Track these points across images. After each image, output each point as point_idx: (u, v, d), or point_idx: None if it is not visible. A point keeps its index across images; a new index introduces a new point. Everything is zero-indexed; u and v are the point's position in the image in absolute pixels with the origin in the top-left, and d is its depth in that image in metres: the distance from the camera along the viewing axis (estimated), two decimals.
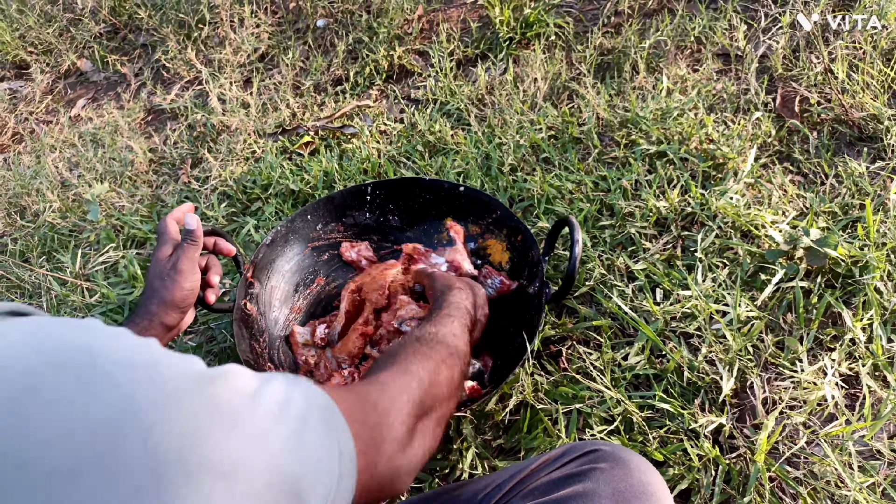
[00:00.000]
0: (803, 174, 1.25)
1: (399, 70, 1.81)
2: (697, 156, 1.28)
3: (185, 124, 1.80)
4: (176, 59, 2.00)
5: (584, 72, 1.56)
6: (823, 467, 0.83)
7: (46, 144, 1.85)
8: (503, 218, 1.11)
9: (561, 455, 0.70)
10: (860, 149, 1.26)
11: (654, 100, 1.41)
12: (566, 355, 1.03)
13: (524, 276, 1.06)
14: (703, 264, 1.09)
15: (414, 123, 1.57)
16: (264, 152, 1.60)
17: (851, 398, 0.93)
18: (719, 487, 0.85)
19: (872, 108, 1.28)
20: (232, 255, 1.00)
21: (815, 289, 1.02)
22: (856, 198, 1.15)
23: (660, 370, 0.97)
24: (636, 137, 1.35)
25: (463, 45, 1.78)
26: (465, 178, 1.37)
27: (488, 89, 1.61)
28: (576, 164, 1.33)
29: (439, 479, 0.94)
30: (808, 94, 1.36)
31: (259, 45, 1.97)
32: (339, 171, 1.46)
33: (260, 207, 1.47)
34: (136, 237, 1.49)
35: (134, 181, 1.66)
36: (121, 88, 2.07)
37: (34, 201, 1.65)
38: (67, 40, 2.25)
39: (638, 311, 1.05)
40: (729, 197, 1.17)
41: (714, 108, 1.39)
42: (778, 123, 1.34)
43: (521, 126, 1.45)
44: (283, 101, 1.75)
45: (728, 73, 1.49)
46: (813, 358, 0.96)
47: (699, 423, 0.89)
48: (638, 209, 1.21)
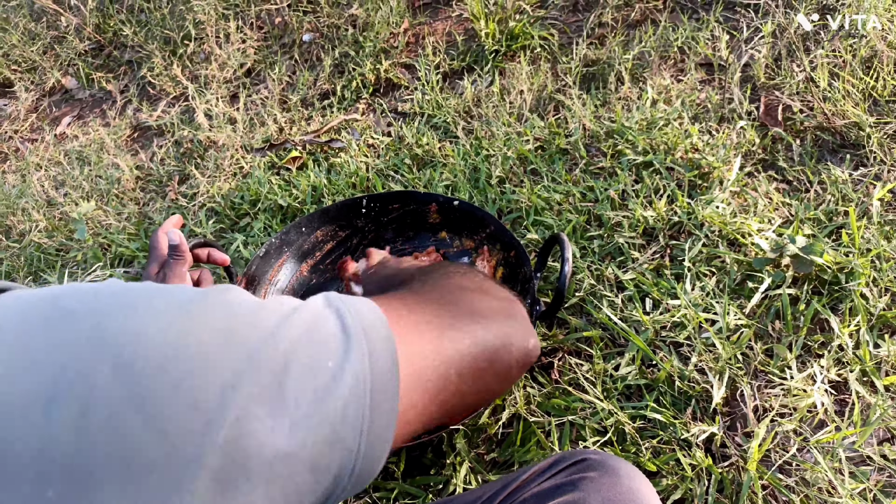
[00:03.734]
0: (788, 181, 1.26)
1: (386, 83, 1.81)
2: (683, 165, 1.29)
3: (172, 141, 1.80)
4: (161, 75, 2.00)
5: (569, 83, 1.57)
6: (815, 474, 0.84)
7: (31, 163, 1.84)
8: (497, 233, 1.11)
9: (551, 465, 0.70)
10: (843, 156, 1.27)
11: (639, 110, 1.42)
12: (558, 367, 1.03)
13: (516, 292, 1.06)
14: (691, 273, 1.10)
15: (401, 137, 1.58)
16: (252, 168, 1.60)
17: (841, 404, 0.93)
18: (713, 497, 0.85)
19: (854, 115, 1.29)
20: (226, 264, 1.00)
21: (803, 296, 1.03)
22: (840, 204, 1.17)
23: (651, 380, 0.98)
24: (622, 148, 1.36)
25: (449, 57, 1.79)
26: (454, 190, 1.37)
27: (475, 102, 1.62)
28: (563, 176, 1.34)
29: (433, 495, 0.93)
30: (791, 102, 1.38)
31: (245, 61, 1.97)
32: (327, 186, 1.46)
33: (248, 223, 1.47)
34: (123, 255, 1.48)
35: (121, 199, 1.65)
36: (106, 105, 2.07)
37: (20, 220, 1.63)
38: (52, 58, 2.24)
39: (628, 322, 1.05)
40: (715, 206, 1.18)
41: (698, 118, 1.41)
42: (762, 132, 1.36)
43: (508, 138, 1.46)
44: (270, 116, 1.75)
45: (711, 83, 1.51)
46: (802, 365, 0.96)
47: (691, 432, 0.89)
48: (626, 219, 1.21)
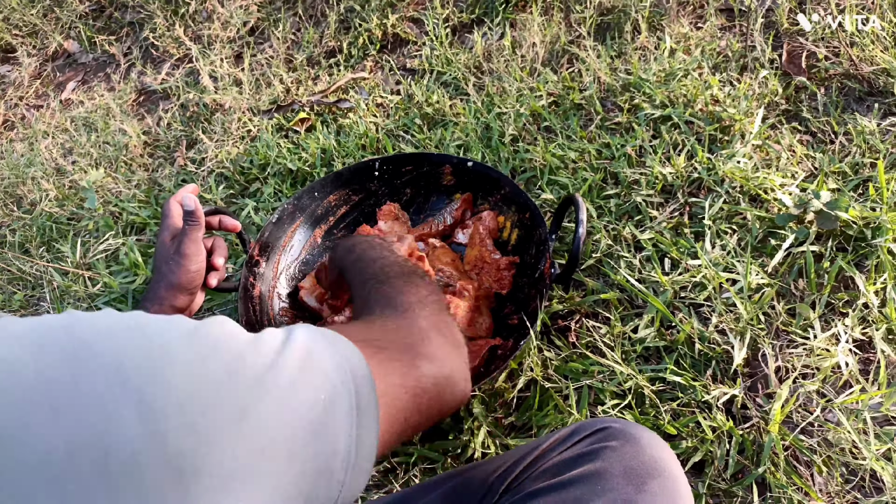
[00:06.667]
0: (812, 133, 1.22)
1: (393, 39, 1.76)
2: (703, 118, 1.24)
3: (178, 104, 1.77)
4: (164, 36, 1.95)
5: (583, 34, 1.51)
6: (838, 435, 0.83)
7: (38, 131, 1.82)
8: (512, 194, 1.09)
9: (571, 434, 0.69)
10: (870, 104, 1.22)
11: (656, 61, 1.37)
12: (575, 330, 1.02)
13: (530, 254, 1.04)
14: (711, 231, 1.07)
15: (411, 95, 1.54)
16: (260, 131, 1.57)
17: (865, 363, 0.92)
18: (733, 458, 0.84)
19: (883, 61, 1.24)
20: (238, 230, 0.98)
21: (827, 253, 1.00)
22: (867, 156, 1.13)
23: (670, 342, 0.96)
24: (639, 101, 1.31)
25: (458, 10, 1.72)
26: (466, 150, 1.34)
27: (485, 56, 1.57)
28: (578, 132, 1.30)
29: (451, 459, 0.94)
30: (816, 48, 1.32)
31: (248, 19, 1.92)
32: (336, 148, 1.43)
33: (259, 188, 1.45)
34: (134, 223, 1.47)
35: (129, 165, 1.63)
36: (110, 69, 2.03)
37: (30, 190, 1.63)
38: (52, 21, 2.20)
39: (646, 283, 1.03)
40: (736, 160, 1.15)
41: (719, 68, 1.36)
42: (785, 81, 1.30)
43: (520, 94, 1.42)
44: (275, 77, 1.71)
45: (732, 30, 1.44)
46: (825, 324, 0.94)
47: (711, 394, 0.88)
48: (643, 176, 1.18)
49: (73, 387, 0.30)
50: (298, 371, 0.38)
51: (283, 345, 0.38)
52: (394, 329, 0.55)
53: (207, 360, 0.34)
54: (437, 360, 0.53)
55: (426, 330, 0.56)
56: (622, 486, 0.60)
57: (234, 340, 0.37)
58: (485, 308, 1.02)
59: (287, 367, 0.37)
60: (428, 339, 0.55)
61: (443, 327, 0.59)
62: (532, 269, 1.02)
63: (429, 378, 0.51)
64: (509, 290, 1.04)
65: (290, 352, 0.38)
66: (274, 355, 0.37)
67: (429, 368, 0.51)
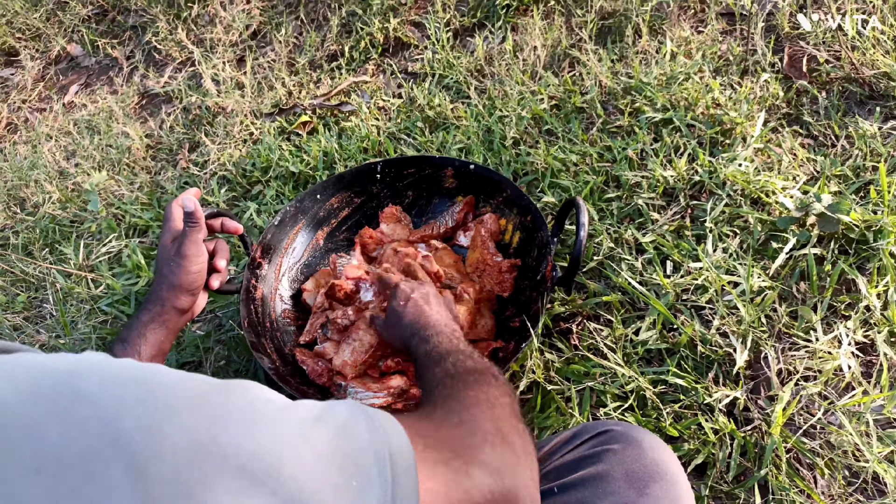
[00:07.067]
0: (813, 137, 1.22)
1: (395, 43, 1.77)
2: (704, 122, 1.25)
3: (180, 107, 1.77)
4: (167, 40, 1.96)
5: (584, 38, 1.52)
6: (840, 438, 0.83)
7: (42, 133, 1.83)
8: (513, 197, 1.09)
9: (573, 436, 0.69)
10: (871, 108, 1.23)
11: (657, 64, 1.37)
12: (577, 332, 1.02)
13: (532, 257, 1.04)
14: (713, 234, 1.07)
15: (413, 98, 1.54)
16: (262, 134, 1.58)
17: (867, 366, 0.92)
18: (735, 461, 0.84)
19: (884, 64, 1.24)
20: (239, 232, 0.99)
21: (828, 256, 1.00)
22: (868, 159, 1.13)
23: (672, 344, 0.96)
24: (641, 105, 1.31)
25: (459, 14, 1.73)
26: (468, 153, 1.34)
27: (487, 60, 1.57)
28: (580, 135, 1.30)
29: None
30: (817, 52, 1.32)
31: (250, 23, 1.93)
32: (338, 151, 1.44)
33: (261, 191, 1.45)
34: (137, 226, 1.47)
35: (132, 168, 1.63)
36: (113, 72, 2.04)
37: (33, 192, 1.63)
38: (55, 25, 2.20)
39: (648, 285, 1.03)
40: (738, 163, 1.15)
41: (720, 71, 1.36)
42: (786, 85, 1.31)
43: (522, 97, 1.42)
44: (278, 80, 1.72)
45: (733, 34, 1.45)
46: (827, 327, 0.94)
47: (713, 396, 0.88)
48: (645, 179, 1.18)
49: (61, 438, 0.28)
50: (328, 452, 0.35)
51: (317, 418, 0.36)
52: (451, 426, 0.49)
53: (214, 425, 0.31)
54: (497, 471, 0.45)
55: (490, 434, 0.48)
56: (624, 490, 0.60)
57: (256, 409, 0.34)
58: (486, 310, 1.02)
59: (315, 447, 0.34)
60: (490, 445, 0.47)
61: (511, 433, 0.50)
62: (534, 272, 1.02)
63: (482, 491, 0.43)
64: (511, 293, 1.05)
65: (322, 427, 0.35)
66: (301, 431, 0.34)
67: (483, 479, 0.44)
